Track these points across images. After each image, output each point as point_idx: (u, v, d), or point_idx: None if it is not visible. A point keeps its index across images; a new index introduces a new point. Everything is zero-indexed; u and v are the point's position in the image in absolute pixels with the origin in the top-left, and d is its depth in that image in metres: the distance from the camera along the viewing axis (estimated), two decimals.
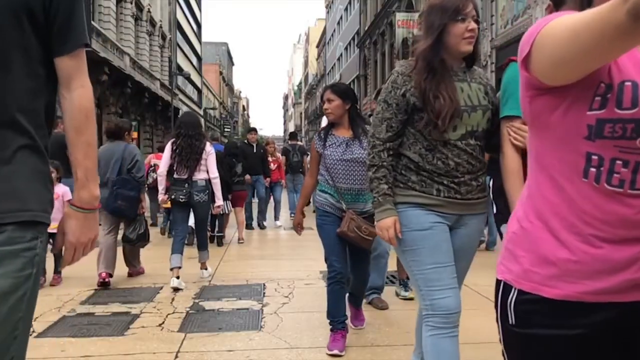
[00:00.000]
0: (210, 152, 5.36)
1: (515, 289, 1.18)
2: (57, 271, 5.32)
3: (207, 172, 5.34)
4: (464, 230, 2.30)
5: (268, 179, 9.87)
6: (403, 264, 2.30)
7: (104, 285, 5.20)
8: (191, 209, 5.44)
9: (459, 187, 2.19)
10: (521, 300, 1.17)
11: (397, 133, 2.23)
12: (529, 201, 1.20)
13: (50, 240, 5.22)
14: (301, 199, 3.76)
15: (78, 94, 1.39)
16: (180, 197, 5.22)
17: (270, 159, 10.22)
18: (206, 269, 5.64)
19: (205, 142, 5.36)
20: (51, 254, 5.05)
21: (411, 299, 4.60)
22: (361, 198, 3.40)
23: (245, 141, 10.23)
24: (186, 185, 5.23)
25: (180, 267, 5.17)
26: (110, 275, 5.32)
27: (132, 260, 5.72)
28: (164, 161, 5.35)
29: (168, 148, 5.34)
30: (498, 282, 1.24)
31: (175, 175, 5.29)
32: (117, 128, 5.68)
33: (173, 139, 5.36)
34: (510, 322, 1.20)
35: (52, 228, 6.05)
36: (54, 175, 5.09)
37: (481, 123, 2.21)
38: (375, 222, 2.28)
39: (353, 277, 3.65)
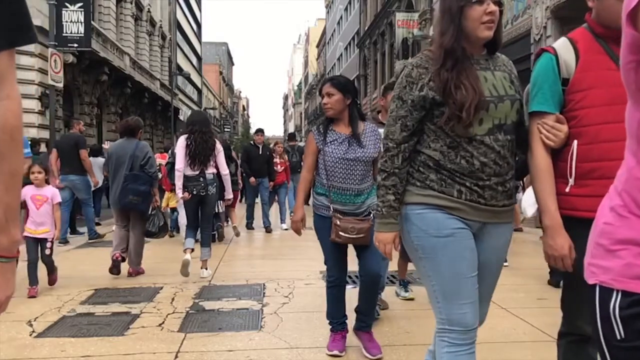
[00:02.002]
0: (219, 150, 5.63)
1: (617, 291, 0.96)
2: (52, 272, 5.14)
3: (216, 167, 5.60)
4: (489, 241, 2.04)
5: (272, 183, 9.61)
6: (418, 271, 2.12)
7: (116, 265, 5.48)
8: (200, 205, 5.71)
9: (483, 191, 1.94)
10: (629, 304, 0.94)
11: (413, 132, 2.01)
12: (629, 188, 1.01)
13: (49, 246, 5.02)
14: (299, 194, 3.47)
15: (2, 108, 1.08)
16: (201, 191, 5.44)
17: (278, 160, 9.97)
18: (206, 268, 5.65)
19: (214, 139, 5.62)
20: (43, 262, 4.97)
21: (411, 299, 4.60)
22: (359, 198, 3.26)
23: (252, 142, 9.95)
24: (201, 179, 5.46)
25: (193, 250, 5.50)
26: (124, 259, 5.59)
27: (134, 258, 5.77)
28: (179, 158, 5.46)
29: (182, 145, 5.45)
30: (592, 288, 1.02)
31: (187, 172, 5.45)
32: (134, 125, 5.85)
33: (186, 135, 5.51)
34: (618, 337, 0.96)
35: (40, 233, 5.95)
36: (41, 176, 4.96)
37: (510, 115, 1.97)
38: (374, 231, 2.09)
39: (360, 276, 3.40)
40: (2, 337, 3.73)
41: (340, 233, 3.17)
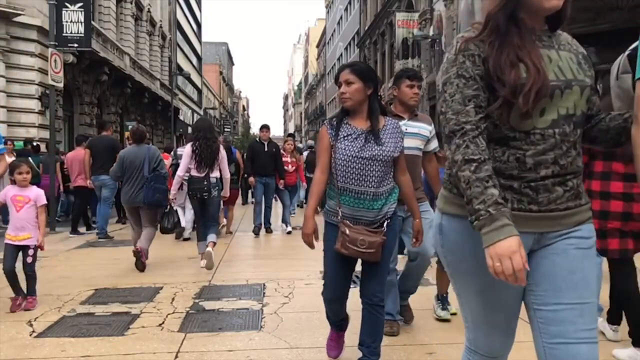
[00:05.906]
0: (223, 155, 6.08)
1: None
2: (30, 293, 4.53)
3: (220, 171, 6.04)
4: (556, 252, 1.61)
5: (282, 181, 9.02)
6: (452, 284, 1.82)
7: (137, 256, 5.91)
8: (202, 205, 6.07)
9: (537, 193, 1.55)
10: None
11: (486, 117, 1.57)
12: None
13: (31, 253, 4.49)
14: (312, 200, 2.94)
15: None
16: (204, 194, 5.87)
17: (289, 159, 9.54)
18: (212, 249, 5.88)
19: (218, 145, 6.07)
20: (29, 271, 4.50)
21: (454, 313, 4.06)
22: (377, 203, 2.82)
23: (257, 139, 9.62)
24: (205, 182, 5.88)
25: (215, 243, 5.97)
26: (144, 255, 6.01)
27: (145, 242, 6.04)
28: (183, 165, 5.92)
29: (188, 152, 5.87)
30: None
31: (193, 174, 5.87)
32: (145, 132, 6.60)
33: (192, 142, 5.96)
34: None
35: (20, 239, 5.72)
36: (29, 176, 4.56)
37: (579, 105, 1.60)
38: (485, 247, 1.48)
39: (361, 300, 3.01)
40: (2, 337, 3.73)
41: (348, 245, 2.78)
